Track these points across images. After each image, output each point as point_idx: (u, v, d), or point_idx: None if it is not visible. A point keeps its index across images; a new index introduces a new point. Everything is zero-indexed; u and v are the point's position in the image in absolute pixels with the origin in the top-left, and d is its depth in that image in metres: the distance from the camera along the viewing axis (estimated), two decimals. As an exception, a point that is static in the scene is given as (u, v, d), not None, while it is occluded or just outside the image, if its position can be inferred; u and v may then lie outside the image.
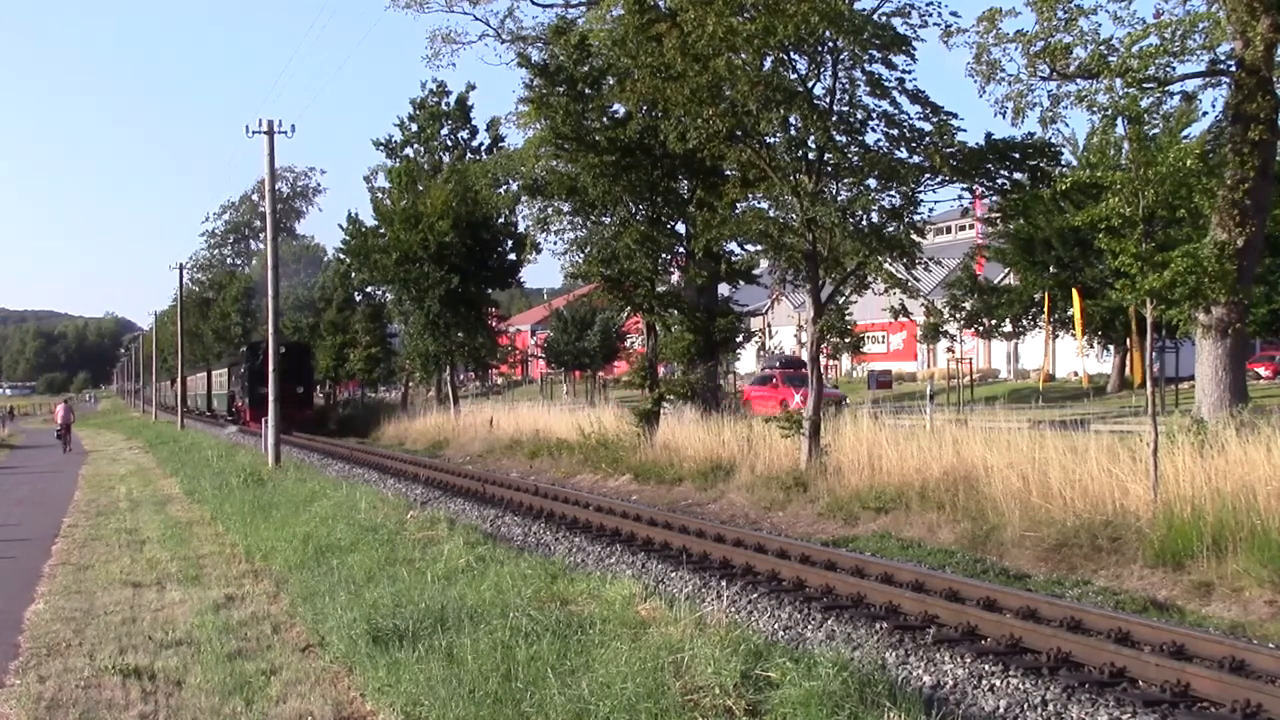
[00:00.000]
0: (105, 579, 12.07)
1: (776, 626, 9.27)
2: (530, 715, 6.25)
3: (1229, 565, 10.02)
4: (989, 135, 17.58)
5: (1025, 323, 40.36)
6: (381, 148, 47.53)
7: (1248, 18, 16.28)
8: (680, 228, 25.04)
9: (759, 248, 22.66)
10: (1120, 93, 16.29)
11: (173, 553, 13.77)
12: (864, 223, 17.67)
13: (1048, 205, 30.40)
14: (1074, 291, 30.62)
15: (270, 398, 25.43)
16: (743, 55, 17.07)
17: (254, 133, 25.20)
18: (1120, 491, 12.01)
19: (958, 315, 40.98)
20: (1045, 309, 37.08)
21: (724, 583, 10.70)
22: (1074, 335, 38.09)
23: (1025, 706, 7.08)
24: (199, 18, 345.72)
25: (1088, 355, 38.93)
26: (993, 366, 51.94)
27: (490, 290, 44.42)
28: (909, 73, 16.83)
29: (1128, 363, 36.52)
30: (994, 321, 40.83)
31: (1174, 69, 17.16)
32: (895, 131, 17.26)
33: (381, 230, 41.48)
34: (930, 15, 16.88)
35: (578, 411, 29.86)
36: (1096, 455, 12.75)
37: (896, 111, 17.08)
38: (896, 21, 16.80)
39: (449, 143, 47.96)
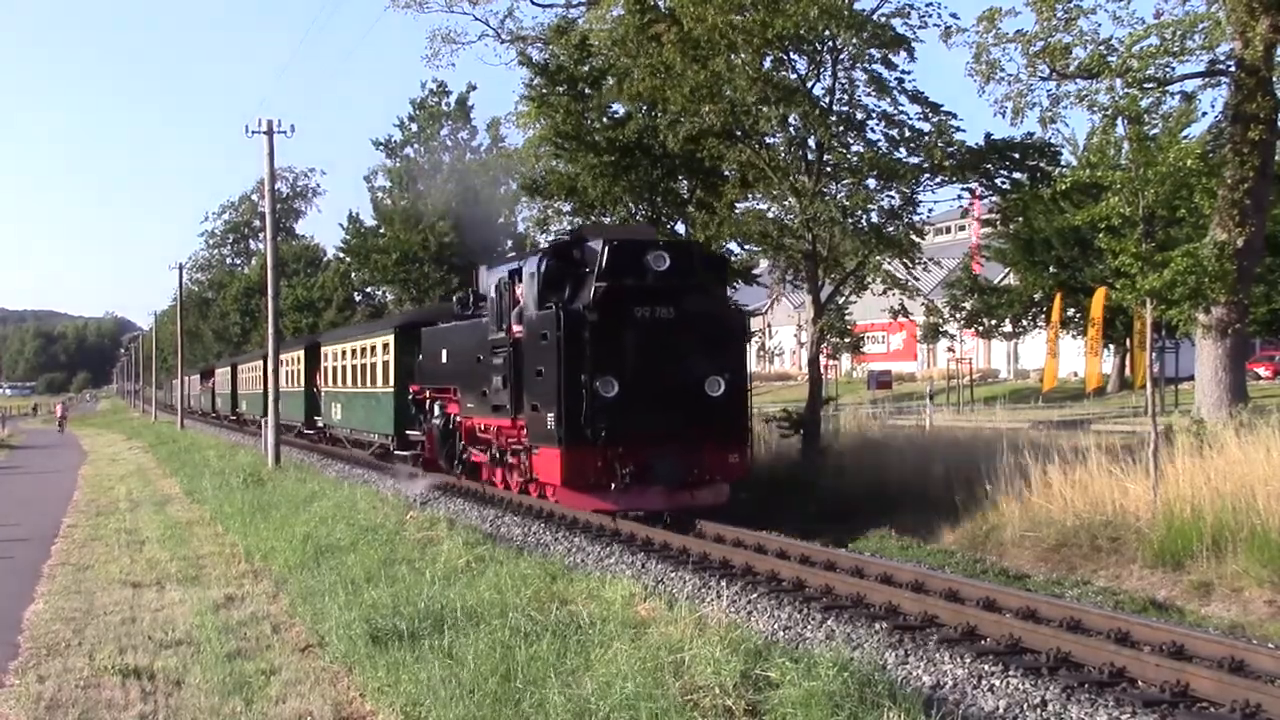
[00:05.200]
0: (105, 579, 12.06)
1: (776, 627, 9.26)
2: (530, 715, 6.25)
3: (1228, 565, 10.04)
4: (989, 135, 17.63)
5: (1025, 323, 40.31)
6: (381, 148, 47.45)
7: (1247, 18, 16.27)
8: (680, 228, 25.01)
9: (759, 248, 22.65)
10: (1120, 93, 16.28)
11: (172, 553, 13.76)
12: (864, 222, 17.70)
13: (1047, 205, 30.35)
14: (1098, 293, 30.48)
15: (270, 396, 25.26)
16: (742, 55, 17.08)
17: (254, 133, 25.18)
18: (1120, 491, 12.02)
19: (958, 315, 40.95)
20: (1053, 314, 36.97)
21: (724, 583, 10.69)
22: (1074, 335, 38.04)
23: (1025, 706, 7.07)
24: (201, 19, 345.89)
25: (1106, 359, 38.73)
26: (993, 366, 51.91)
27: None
28: (908, 73, 16.91)
29: (1128, 363, 36.49)
30: (994, 321, 40.79)
31: (1174, 69, 17.16)
32: (895, 131, 17.29)
33: (381, 230, 41.45)
34: (930, 16, 16.93)
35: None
36: (1096, 455, 12.76)
37: (896, 111, 17.13)
38: (896, 22, 16.85)
39: (449, 143, 47.88)
